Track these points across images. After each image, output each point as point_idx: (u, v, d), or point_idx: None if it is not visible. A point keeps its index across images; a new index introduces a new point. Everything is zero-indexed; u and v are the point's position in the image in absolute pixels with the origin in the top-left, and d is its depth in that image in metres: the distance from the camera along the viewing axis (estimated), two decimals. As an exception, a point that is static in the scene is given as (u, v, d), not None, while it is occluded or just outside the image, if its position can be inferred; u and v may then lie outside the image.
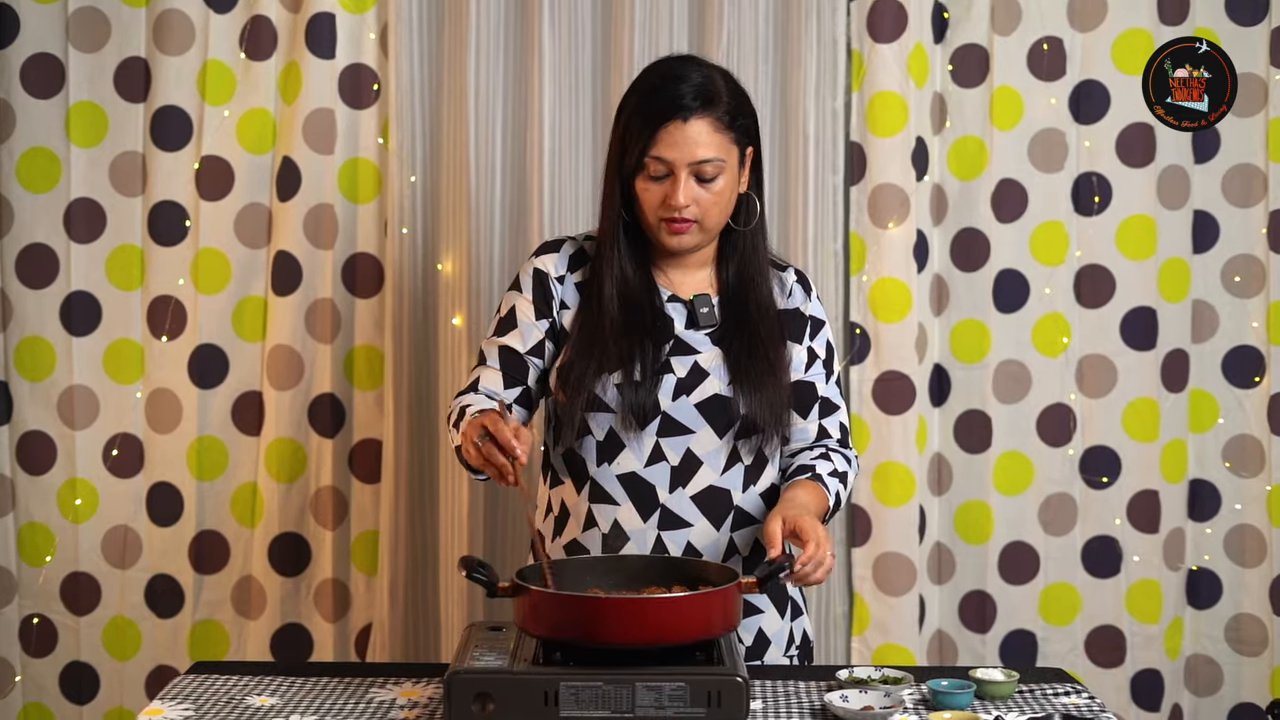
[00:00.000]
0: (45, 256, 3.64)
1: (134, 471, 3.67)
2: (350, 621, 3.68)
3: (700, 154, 2.49)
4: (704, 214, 2.52)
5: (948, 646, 3.71)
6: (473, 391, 2.61)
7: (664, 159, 2.49)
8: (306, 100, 3.58)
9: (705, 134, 2.50)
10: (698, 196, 2.51)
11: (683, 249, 2.57)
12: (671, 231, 2.53)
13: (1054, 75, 3.63)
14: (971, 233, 3.65)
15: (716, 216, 2.55)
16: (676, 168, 2.49)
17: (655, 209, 2.53)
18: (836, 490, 2.60)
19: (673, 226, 2.53)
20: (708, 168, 2.50)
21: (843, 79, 3.61)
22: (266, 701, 2.37)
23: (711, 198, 2.52)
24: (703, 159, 2.49)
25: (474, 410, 2.48)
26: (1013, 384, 3.66)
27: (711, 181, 2.51)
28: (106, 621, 3.69)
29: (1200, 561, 3.74)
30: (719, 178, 2.52)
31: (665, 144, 2.49)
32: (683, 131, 2.49)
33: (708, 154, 2.50)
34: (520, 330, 2.63)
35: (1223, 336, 3.70)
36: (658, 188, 2.52)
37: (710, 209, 2.53)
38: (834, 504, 2.59)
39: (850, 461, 2.69)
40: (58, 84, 3.61)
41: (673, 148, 2.49)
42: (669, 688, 2.12)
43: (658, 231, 2.55)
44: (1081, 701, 2.38)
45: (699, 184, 2.51)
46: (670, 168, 2.50)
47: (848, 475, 2.65)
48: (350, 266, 3.64)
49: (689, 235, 2.54)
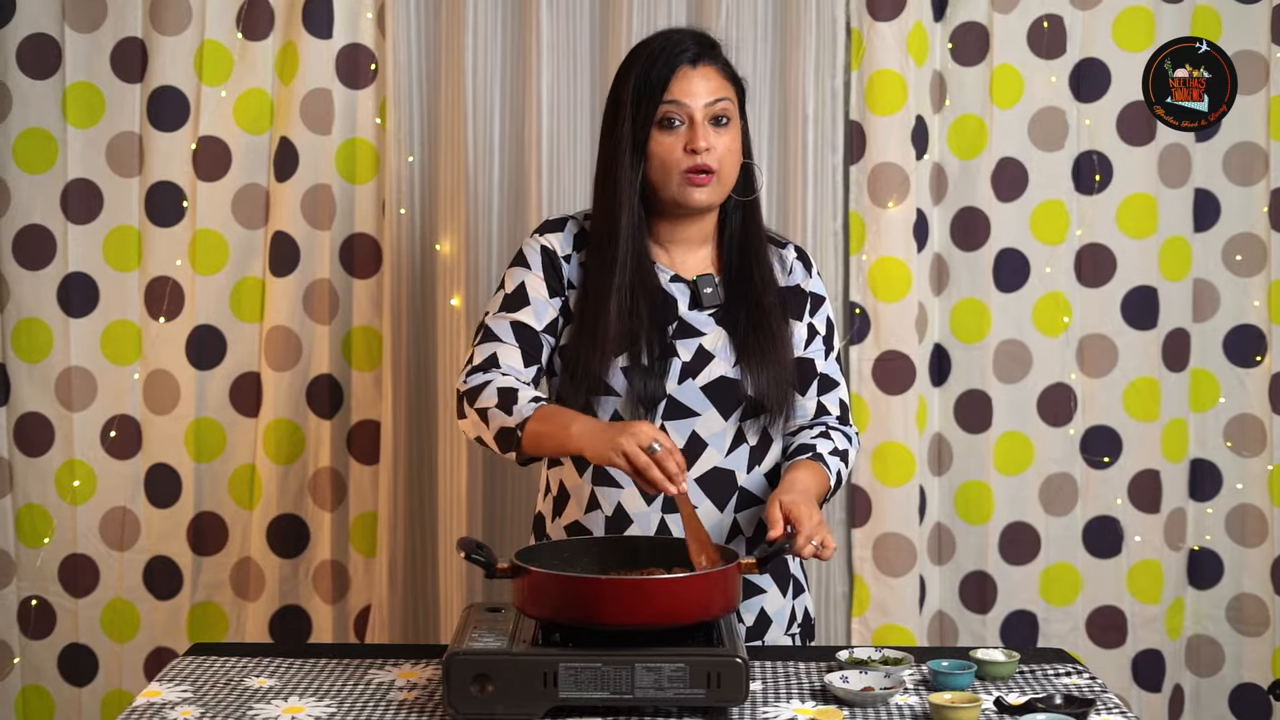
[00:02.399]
0: (42, 237, 3.63)
1: (132, 453, 3.67)
2: (349, 603, 3.68)
3: (714, 94, 2.52)
4: (720, 163, 2.53)
5: (948, 627, 3.71)
6: (492, 369, 2.53)
7: (679, 102, 2.51)
8: (304, 80, 3.57)
9: (714, 77, 2.54)
10: (714, 143, 2.52)
11: (700, 204, 2.55)
12: (694, 184, 2.53)
13: (1054, 53, 3.62)
14: (971, 212, 3.64)
15: (730, 167, 2.55)
16: (694, 110, 2.51)
17: (676, 162, 2.52)
18: (838, 469, 2.59)
19: (695, 178, 2.52)
20: (721, 107, 2.53)
21: (842, 58, 3.60)
22: (265, 683, 2.37)
23: (726, 143, 2.53)
24: (717, 98, 2.52)
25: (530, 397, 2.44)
26: (1013, 364, 3.66)
27: (725, 127, 2.53)
28: (105, 603, 3.69)
29: (1201, 541, 3.74)
30: (731, 124, 2.54)
31: (679, 89, 2.51)
32: (693, 77, 2.52)
33: (720, 93, 2.53)
34: (534, 307, 2.58)
35: (1224, 315, 3.70)
36: (674, 140, 2.52)
37: (726, 157, 2.54)
38: (835, 483, 2.58)
39: (850, 439, 2.68)
40: (54, 64, 3.60)
41: (687, 92, 2.51)
42: (668, 669, 2.12)
43: (676, 187, 2.54)
44: (1082, 682, 2.37)
45: (714, 129, 2.53)
46: (687, 113, 2.51)
47: (848, 453, 2.65)
48: (348, 247, 3.63)
49: (708, 188, 2.54)
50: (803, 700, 2.26)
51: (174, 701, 2.27)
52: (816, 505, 2.46)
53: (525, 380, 2.54)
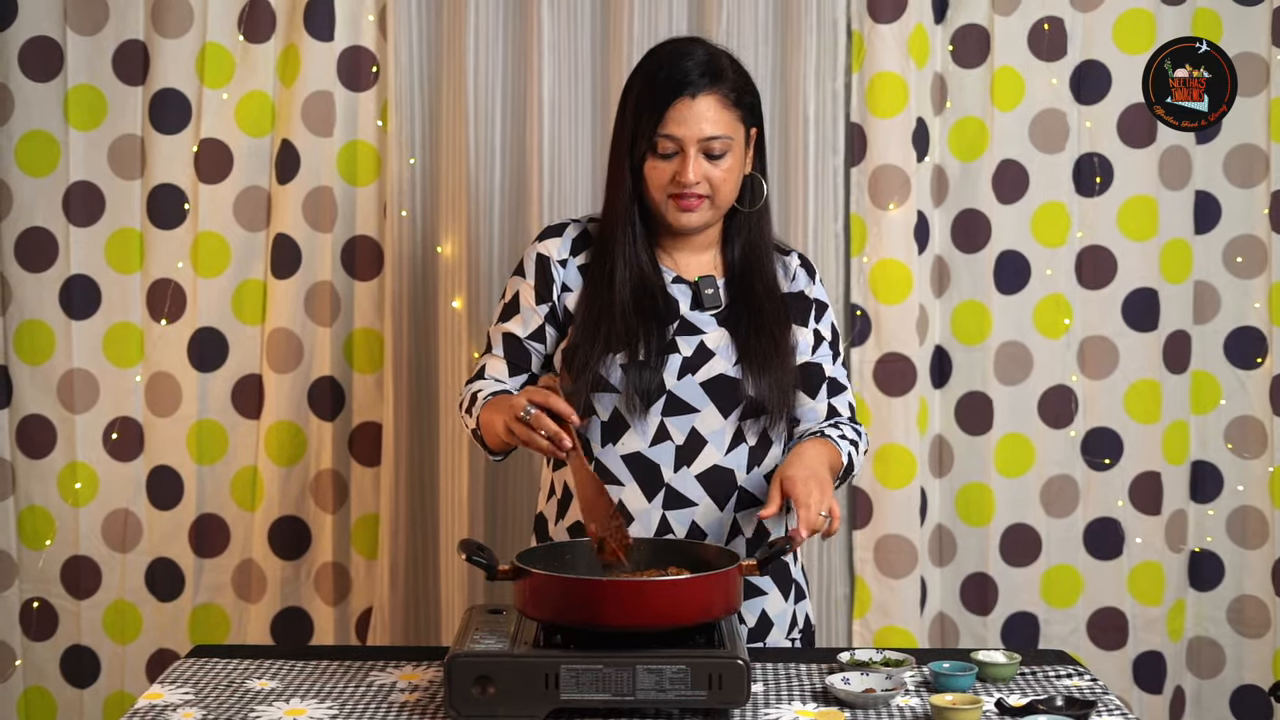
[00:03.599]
0: (44, 240, 3.63)
1: (134, 455, 3.67)
2: (350, 605, 3.68)
3: (709, 130, 2.50)
4: (714, 190, 2.53)
5: (949, 629, 3.71)
6: (480, 379, 2.64)
7: (673, 136, 2.50)
8: (305, 83, 3.57)
9: (713, 110, 2.51)
10: (707, 173, 2.52)
11: (691, 227, 2.57)
12: (680, 208, 2.54)
13: (1055, 55, 3.62)
14: (972, 214, 3.65)
15: (726, 193, 2.56)
16: (686, 144, 2.50)
17: (664, 187, 2.53)
18: (848, 451, 2.60)
19: (682, 203, 2.53)
20: (716, 144, 2.51)
21: (843, 60, 3.61)
22: (267, 685, 2.37)
23: (721, 174, 2.53)
24: (711, 135, 2.51)
25: (486, 394, 2.50)
26: (1014, 365, 3.66)
27: (720, 159, 2.53)
28: (107, 605, 3.69)
29: (1202, 543, 3.74)
30: (727, 155, 2.53)
31: (674, 121, 2.50)
32: (691, 109, 2.50)
33: (716, 130, 2.51)
34: (522, 316, 2.64)
35: (1224, 317, 3.70)
36: (667, 166, 2.52)
37: (720, 185, 2.54)
38: (847, 461, 2.59)
39: (861, 435, 2.69)
40: (56, 67, 3.61)
41: (681, 125, 2.50)
42: (670, 670, 2.12)
43: (665, 209, 2.55)
44: (1083, 683, 2.38)
45: (708, 161, 2.52)
46: (680, 145, 2.51)
47: (859, 443, 2.66)
48: (350, 249, 3.63)
49: (698, 212, 2.55)
50: (804, 702, 2.27)
51: (176, 703, 2.28)
52: (827, 476, 2.45)
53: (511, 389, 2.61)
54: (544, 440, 2.33)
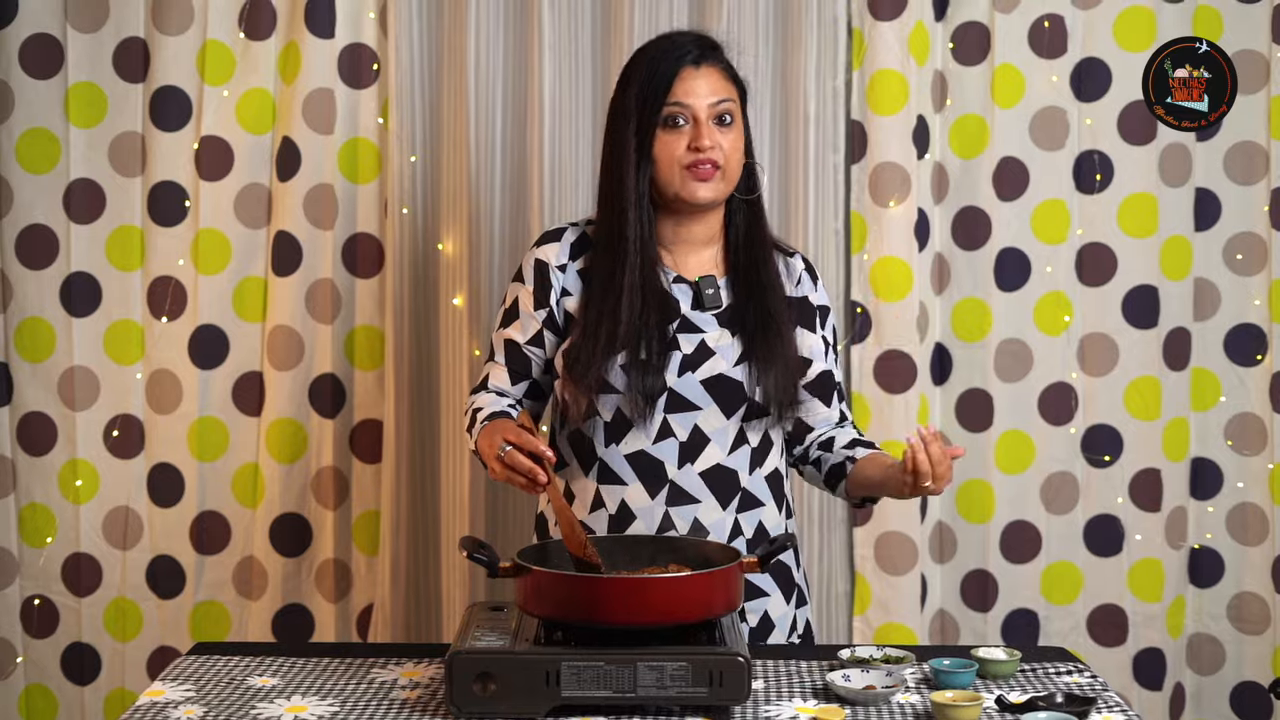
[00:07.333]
0: (45, 237, 3.63)
1: (135, 452, 3.67)
2: (351, 602, 3.68)
3: (717, 94, 2.55)
4: (725, 159, 2.55)
5: (949, 625, 3.72)
6: (484, 390, 2.66)
7: (684, 103, 2.54)
8: (306, 80, 3.57)
9: (716, 77, 2.57)
10: (718, 141, 2.55)
11: (704, 200, 2.57)
12: (696, 178, 2.55)
13: (1055, 53, 3.62)
14: (973, 211, 3.65)
15: (734, 166, 2.58)
16: (697, 111, 2.54)
17: (677, 159, 2.55)
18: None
19: (698, 172, 2.54)
20: (725, 107, 2.56)
21: (843, 57, 3.61)
22: (268, 682, 2.37)
23: (730, 141, 2.56)
24: (720, 98, 2.55)
25: (484, 416, 2.53)
26: (1014, 363, 3.66)
27: (729, 127, 2.56)
28: (108, 602, 3.69)
29: (1202, 540, 3.74)
30: (734, 124, 2.57)
31: (682, 90, 2.54)
32: (696, 77, 2.55)
33: (723, 93, 2.56)
34: (521, 322, 2.66)
35: (1225, 314, 3.70)
36: (678, 138, 2.55)
37: (730, 154, 2.56)
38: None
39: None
40: (56, 64, 3.61)
41: (690, 93, 2.54)
42: (671, 667, 2.13)
43: (680, 183, 2.55)
44: (1083, 680, 2.38)
45: (718, 128, 2.55)
46: (691, 112, 2.54)
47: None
48: (350, 247, 3.63)
49: (711, 183, 2.56)
50: (804, 699, 2.27)
51: (177, 700, 2.28)
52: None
53: (513, 397, 2.65)
54: (520, 478, 2.35)
